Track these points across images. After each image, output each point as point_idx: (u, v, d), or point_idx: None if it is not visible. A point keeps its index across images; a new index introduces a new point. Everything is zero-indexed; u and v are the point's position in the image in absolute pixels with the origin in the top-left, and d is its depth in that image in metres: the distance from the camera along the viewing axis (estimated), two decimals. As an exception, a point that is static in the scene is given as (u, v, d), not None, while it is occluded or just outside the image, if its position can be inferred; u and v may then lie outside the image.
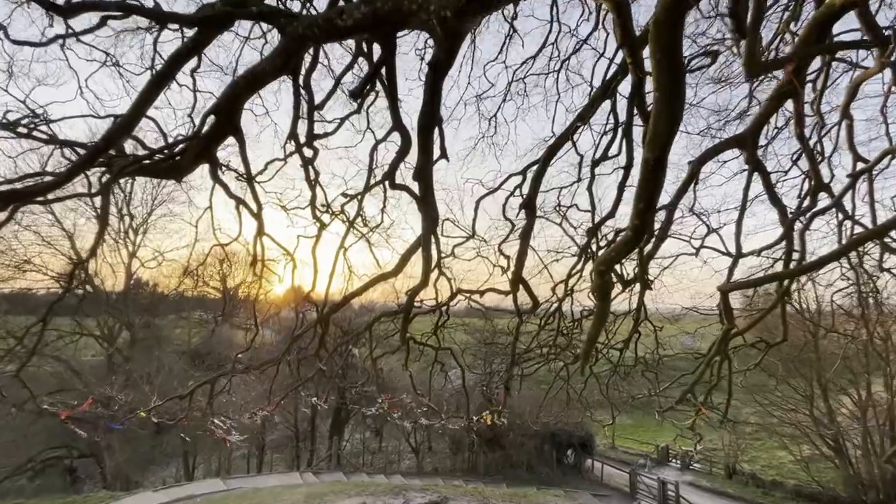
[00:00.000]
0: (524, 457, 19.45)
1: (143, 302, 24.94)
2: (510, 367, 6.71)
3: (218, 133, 2.89)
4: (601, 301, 3.22)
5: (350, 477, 14.71)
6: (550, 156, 4.73)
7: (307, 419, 18.87)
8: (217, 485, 12.70)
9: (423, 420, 8.22)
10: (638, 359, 9.01)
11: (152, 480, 21.44)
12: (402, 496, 8.64)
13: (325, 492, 9.17)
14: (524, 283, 4.68)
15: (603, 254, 3.29)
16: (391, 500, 8.44)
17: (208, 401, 6.57)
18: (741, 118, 6.85)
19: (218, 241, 7.40)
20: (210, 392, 6.50)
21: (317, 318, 6.03)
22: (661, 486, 17.35)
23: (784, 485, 20.34)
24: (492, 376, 18.99)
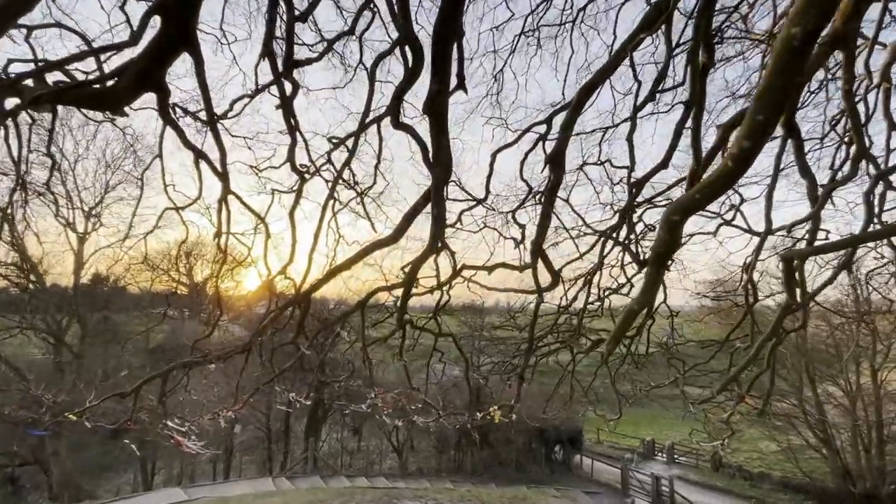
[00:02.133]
0: (512, 454, 18.59)
1: (100, 297, 22.83)
2: (528, 353, 5.63)
3: (165, 46, 1.94)
4: (657, 265, 2.28)
5: (328, 481, 13.42)
6: (587, 95, 3.62)
7: (280, 418, 17.40)
8: (176, 494, 11.21)
9: (417, 418, 7.12)
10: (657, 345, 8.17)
11: (107, 489, 19.54)
12: (396, 503, 7.51)
13: (304, 501, 7.92)
14: (544, 256, 3.67)
15: (681, 199, 2.27)
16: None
17: (160, 399, 5.24)
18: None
19: (173, 202, 6.07)
20: (161, 388, 5.21)
21: (295, 295, 4.89)
22: (655, 481, 16.77)
23: (771, 476, 20.20)
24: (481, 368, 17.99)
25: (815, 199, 4.56)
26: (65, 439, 18.30)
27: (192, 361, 5.63)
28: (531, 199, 6.65)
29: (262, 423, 16.77)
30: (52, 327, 19.73)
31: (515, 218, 6.49)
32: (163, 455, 17.80)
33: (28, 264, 18.42)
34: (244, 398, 5.69)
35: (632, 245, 6.37)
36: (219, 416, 5.64)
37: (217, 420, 5.70)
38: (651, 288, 2.62)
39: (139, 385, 4.70)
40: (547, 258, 3.83)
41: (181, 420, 5.98)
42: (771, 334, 5.40)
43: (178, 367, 5.26)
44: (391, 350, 9.17)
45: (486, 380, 8.45)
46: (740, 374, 5.97)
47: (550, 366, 9.54)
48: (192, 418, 6.04)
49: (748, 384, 6.28)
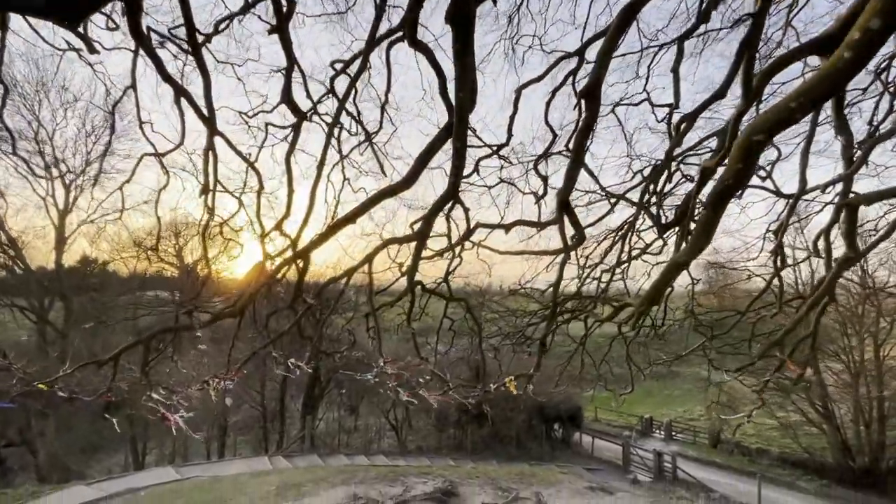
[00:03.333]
0: (513, 432, 18.34)
1: (88, 279, 22.05)
2: (552, 318, 5.06)
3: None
4: (716, 206, 1.89)
5: (326, 460, 13.01)
6: (629, 18, 2.95)
7: (275, 397, 16.94)
8: (168, 474, 10.71)
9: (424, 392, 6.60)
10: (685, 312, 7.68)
11: (98, 469, 19.07)
12: (401, 483, 7.04)
13: (303, 480, 7.43)
14: (570, 210, 3.12)
15: (767, 114, 1.75)
16: (387, 488, 6.82)
17: (142, 368, 4.62)
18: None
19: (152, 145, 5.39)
20: (143, 356, 4.59)
21: (293, 252, 4.33)
22: (658, 457, 16.63)
23: (769, 452, 20.24)
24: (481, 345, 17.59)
25: (849, 159, 4.06)
26: (51, 419, 17.74)
27: (177, 327, 5.03)
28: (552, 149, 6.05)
29: (257, 402, 16.29)
30: (34, 306, 18.96)
31: (538, 169, 5.89)
32: (154, 434, 17.32)
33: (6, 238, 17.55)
34: (237, 367, 5.10)
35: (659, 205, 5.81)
36: (209, 385, 5.06)
37: (207, 390, 5.13)
38: (704, 235, 2.05)
39: (118, 353, 4.15)
40: (573, 212, 3.30)
41: (167, 391, 5.39)
42: (823, 292, 4.88)
43: (162, 332, 4.67)
44: (392, 321, 8.54)
45: (497, 351, 7.91)
46: (786, 336, 5.45)
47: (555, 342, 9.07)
48: (178, 388, 5.46)
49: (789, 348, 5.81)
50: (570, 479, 10.43)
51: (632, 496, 9.83)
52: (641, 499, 9.19)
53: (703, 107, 4.16)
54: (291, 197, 5.36)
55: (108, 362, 3.98)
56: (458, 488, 6.75)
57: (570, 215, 3.35)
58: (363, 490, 6.59)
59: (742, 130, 2.35)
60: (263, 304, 8.26)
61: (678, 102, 4.64)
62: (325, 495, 6.52)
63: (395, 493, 6.54)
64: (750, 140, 1.59)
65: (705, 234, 2.17)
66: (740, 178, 1.91)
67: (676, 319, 7.32)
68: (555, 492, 8.34)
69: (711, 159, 4.77)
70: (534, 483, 8.97)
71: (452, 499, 6.23)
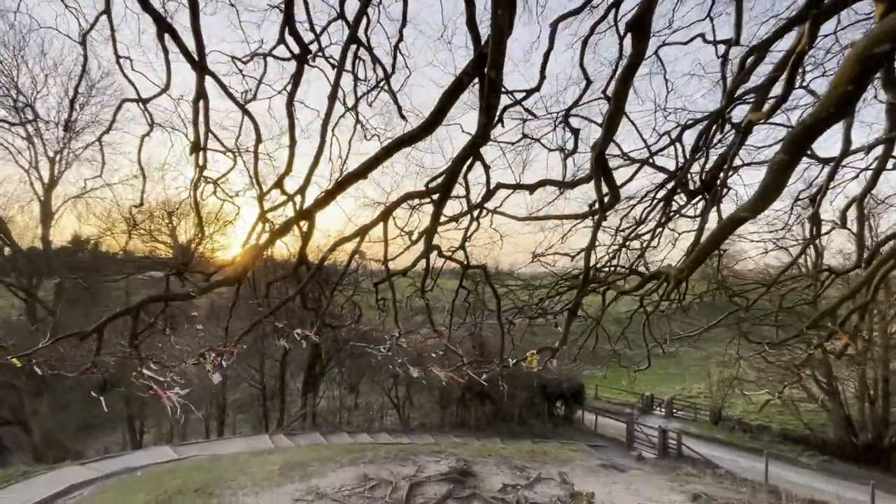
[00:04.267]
0: (515, 410, 18.16)
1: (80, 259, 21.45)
2: (584, 284, 4.54)
3: None
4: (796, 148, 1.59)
5: (329, 438, 12.71)
6: None
7: (275, 375, 16.58)
8: (165, 453, 10.35)
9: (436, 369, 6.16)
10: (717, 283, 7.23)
11: (95, 448, 18.81)
12: (412, 462, 6.66)
13: (307, 459, 7.04)
14: (605, 165, 2.63)
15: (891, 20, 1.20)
16: (398, 467, 6.44)
17: (130, 341, 4.08)
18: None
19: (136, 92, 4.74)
20: (132, 328, 4.05)
21: (297, 211, 3.79)
22: (662, 434, 16.53)
23: (771, 428, 20.27)
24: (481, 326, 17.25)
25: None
26: (44, 398, 17.36)
27: (168, 296, 4.46)
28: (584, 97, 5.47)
29: (257, 380, 15.93)
30: (22, 283, 18.34)
31: (569, 121, 5.32)
32: (152, 413, 16.99)
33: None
34: (236, 339, 4.59)
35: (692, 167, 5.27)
36: (205, 359, 4.55)
37: (202, 363, 4.63)
38: (775, 185, 1.73)
39: (101, 324, 3.63)
40: (609, 168, 2.83)
41: (158, 365, 4.88)
42: (888, 256, 4.53)
43: (152, 301, 4.12)
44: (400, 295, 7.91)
45: (512, 324, 7.43)
46: (841, 305, 5.04)
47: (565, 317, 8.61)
48: (172, 363, 4.95)
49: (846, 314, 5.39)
50: (581, 457, 10.14)
51: (645, 473, 9.55)
52: (655, 476, 8.93)
53: (778, 35, 3.58)
54: (293, 150, 4.76)
55: (90, 334, 3.47)
56: (473, 467, 6.38)
57: (605, 172, 2.86)
58: (373, 470, 6.21)
59: (855, 44, 1.79)
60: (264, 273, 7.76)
61: (739, 37, 4.05)
62: (333, 476, 6.12)
63: (408, 472, 6.16)
64: (870, 52, 1.26)
65: (776, 184, 1.74)
66: (846, 104, 1.44)
67: (707, 291, 6.85)
68: (569, 470, 8.02)
69: (756, 111, 4.24)
70: (547, 461, 8.66)
71: (469, 479, 5.87)
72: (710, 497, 5.84)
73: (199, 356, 4.59)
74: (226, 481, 6.35)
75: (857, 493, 13.87)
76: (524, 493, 5.36)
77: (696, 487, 7.28)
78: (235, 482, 6.27)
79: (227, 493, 5.78)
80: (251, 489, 5.90)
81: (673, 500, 5.98)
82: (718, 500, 5.69)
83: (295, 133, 4.78)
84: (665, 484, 7.93)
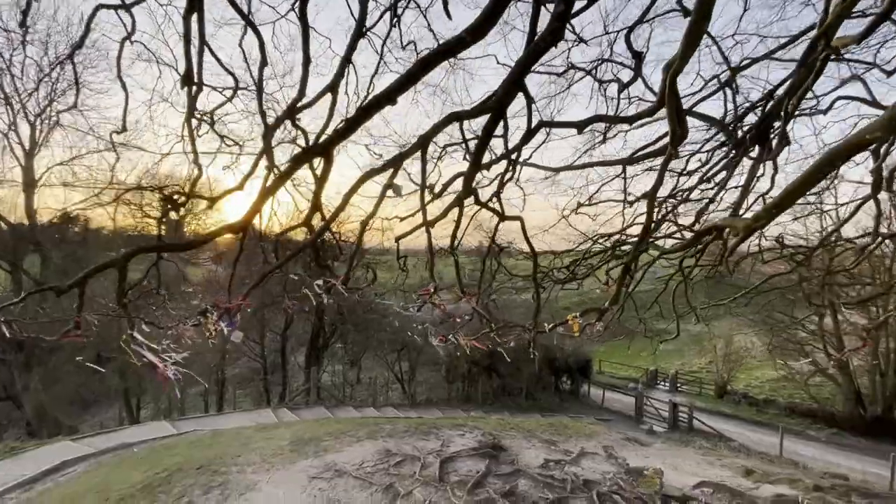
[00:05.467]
0: (522, 384, 17.79)
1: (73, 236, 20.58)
2: (645, 233, 3.83)
3: None
4: None
5: (335, 412, 12.23)
6: None
7: (275, 349, 16.01)
8: (163, 428, 9.80)
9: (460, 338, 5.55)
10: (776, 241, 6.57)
11: (91, 424, 18.31)
12: (435, 436, 6.11)
13: (319, 434, 6.47)
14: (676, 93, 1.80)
15: None
16: (420, 442, 5.88)
17: (118, 299, 3.37)
18: None
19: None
20: (119, 285, 3.29)
21: (309, 147, 3.09)
22: (673, 408, 16.27)
23: (777, 402, 20.15)
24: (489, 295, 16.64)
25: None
26: (35, 372, 16.74)
27: (162, 245, 3.75)
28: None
29: (258, 353, 15.36)
30: (7, 255, 17.47)
31: (629, 41, 4.54)
32: (149, 388, 16.42)
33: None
34: (245, 292, 3.91)
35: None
36: (207, 317, 3.85)
37: (206, 327, 3.94)
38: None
39: (83, 277, 2.87)
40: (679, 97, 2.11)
41: (152, 326, 4.20)
42: None
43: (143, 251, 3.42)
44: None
45: (543, 288, 6.76)
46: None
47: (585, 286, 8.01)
48: (168, 324, 4.28)
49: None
50: (600, 431, 9.69)
51: (669, 447, 9.12)
52: (681, 449, 8.50)
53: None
54: (307, 70, 3.99)
55: (69, 289, 2.77)
56: (501, 442, 5.84)
57: (676, 101, 2.15)
58: (394, 445, 5.64)
59: None
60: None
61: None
62: (351, 451, 5.55)
63: (433, 447, 5.61)
64: None
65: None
66: None
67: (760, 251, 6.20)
68: (595, 444, 7.52)
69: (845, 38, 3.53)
70: (570, 435, 8.18)
71: (501, 453, 5.33)
72: (765, 473, 5.35)
73: (200, 314, 3.90)
74: (231, 458, 5.77)
75: (869, 466, 13.70)
76: (573, 471, 4.82)
77: (734, 462, 6.81)
78: (242, 458, 5.68)
79: (233, 471, 5.19)
80: (260, 466, 5.31)
81: (721, 476, 5.49)
82: (771, 476, 5.21)
83: (309, 48, 4.00)
84: (698, 458, 7.47)
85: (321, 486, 4.55)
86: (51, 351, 18.09)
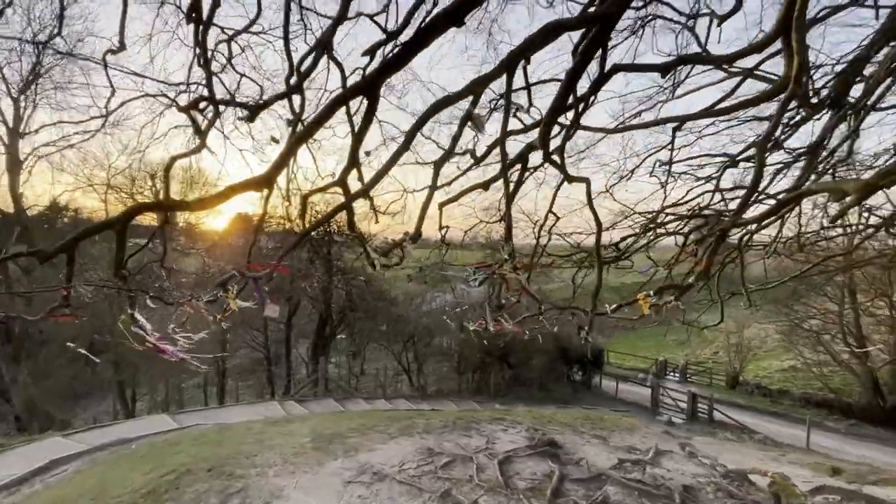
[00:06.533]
0: (534, 375, 17.19)
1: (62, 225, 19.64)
2: (750, 193, 3.00)
3: None
4: None
5: (345, 405, 11.53)
6: None
7: (278, 339, 15.25)
8: (163, 422, 9.05)
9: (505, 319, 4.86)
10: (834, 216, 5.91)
11: (84, 418, 17.51)
12: (476, 431, 5.42)
13: (342, 429, 5.76)
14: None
15: None
16: (463, 438, 5.19)
17: (116, 267, 2.49)
18: None
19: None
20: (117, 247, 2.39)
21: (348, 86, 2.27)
22: (692, 399, 15.76)
23: (791, 392, 19.73)
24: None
25: None
26: (24, 365, 15.90)
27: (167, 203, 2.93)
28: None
29: (260, 343, 14.60)
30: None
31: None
32: (144, 380, 15.62)
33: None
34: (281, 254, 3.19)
35: None
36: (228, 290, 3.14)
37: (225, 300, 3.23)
38: None
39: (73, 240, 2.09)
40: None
41: (158, 302, 3.45)
42: None
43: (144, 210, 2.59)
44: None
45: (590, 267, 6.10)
46: None
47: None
48: (178, 297, 3.54)
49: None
50: (632, 423, 9.05)
51: (720, 442, 8.54)
52: (741, 446, 7.90)
53: None
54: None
55: (55, 255, 2.04)
56: (553, 437, 5.18)
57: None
58: (434, 442, 4.95)
59: None
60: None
61: None
62: (385, 449, 4.84)
63: (477, 444, 4.93)
64: None
65: None
66: None
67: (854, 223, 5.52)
68: (640, 438, 6.88)
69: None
70: (613, 429, 7.55)
71: (560, 452, 4.66)
72: (857, 474, 4.74)
73: (219, 286, 3.16)
74: (246, 457, 5.04)
75: (892, 457, 13.26)
76: (658, 473, 4.15)
77: (802, 459, 6.20)
78: (259, 458, 4.96)
79: (251, 473, 4.47)
80: (282, 467, 4.59)
81: (802, 476, 4.86)
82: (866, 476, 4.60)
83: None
84: (763, 455, 6.83)
85: (360, 493, 3.84)
86: (41, 343, 17.22)
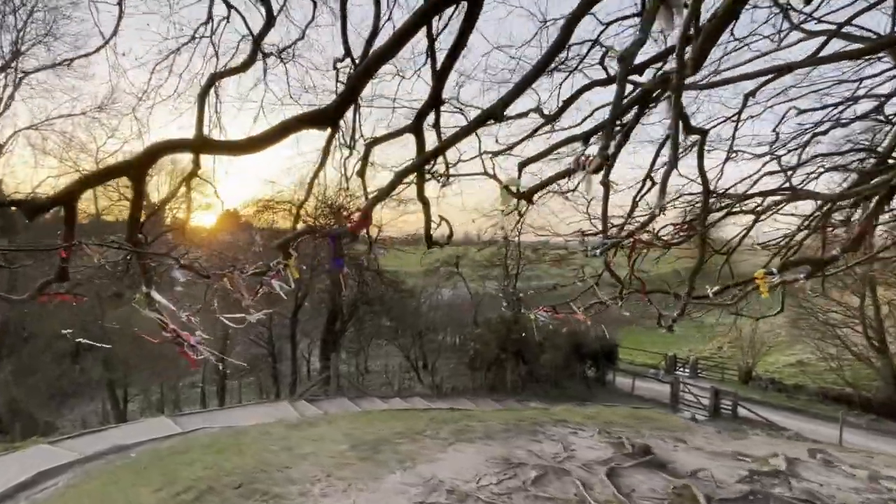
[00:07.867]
0: (549, 371, 16.52)
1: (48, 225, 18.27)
2: None
3: None
4: None
5: (360, 404, 10.69)
6: None
7: (282, 336, 14.33)
8: (163, 426, 8.13)
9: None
10: None
11: (71, 419, 16.40)
12: (544, 436, 4.64)
13: (386, 434, 4.94)
14: None
15: None
16: (532, 444, 4.41)
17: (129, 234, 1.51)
18: None
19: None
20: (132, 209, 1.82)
21: None
22: (714, 395, 15.20)
23: (807, 387, 19.32)
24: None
25: None
26: (6, 362, 14.80)
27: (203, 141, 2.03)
28: None
29: (265, 339, 13.67)
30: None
31: None
32: (136, 378, 14.58)
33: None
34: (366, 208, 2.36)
35: None
36: (290, 259, 2.28)
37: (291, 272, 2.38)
38: None
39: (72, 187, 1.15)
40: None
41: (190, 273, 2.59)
42: None
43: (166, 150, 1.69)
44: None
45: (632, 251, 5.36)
46: None
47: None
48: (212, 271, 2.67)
49: None
50: (677, 423, 8.39)
51: (764, 438, 7.88)
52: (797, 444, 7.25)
53: None
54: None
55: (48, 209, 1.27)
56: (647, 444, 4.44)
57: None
58: (504, 449, 4.17)
59: None
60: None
61: None
62: (448, 458, 4.05)
63: (552, 451, 4.16)
64: None
65: None
66: None
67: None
68: (692, 438, 6.17)
69: None
70: (665, 428, 6.84)
71: (653, 459, 3.93)
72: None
73: (279, 247, 2.36)
74: (277, 469, 4.21)
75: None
76: (814, 489, 3.42)
77: (859, 459, 5.54)
78: (294, 470, 4.13)
79: (292, 491, 3.65)
80: (328, 483, 3.77)
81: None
82: None
83: None
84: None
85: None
86: (25, 338, 16.07)
